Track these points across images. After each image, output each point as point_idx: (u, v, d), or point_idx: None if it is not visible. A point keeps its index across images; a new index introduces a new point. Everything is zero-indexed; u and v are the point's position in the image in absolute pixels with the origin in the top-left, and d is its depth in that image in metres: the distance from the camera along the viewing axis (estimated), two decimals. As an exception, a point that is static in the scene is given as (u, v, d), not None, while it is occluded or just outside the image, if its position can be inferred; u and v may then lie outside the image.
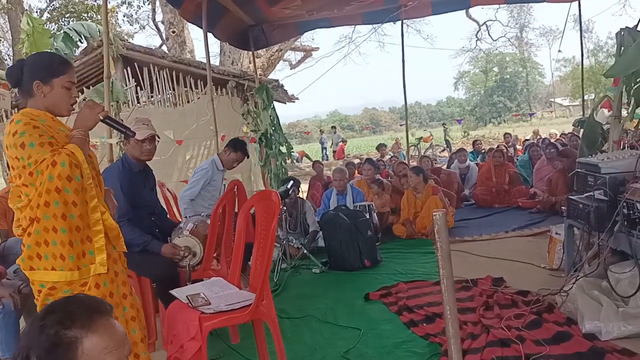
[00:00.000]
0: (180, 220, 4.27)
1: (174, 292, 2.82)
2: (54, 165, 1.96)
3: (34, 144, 1.97)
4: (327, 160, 21.42)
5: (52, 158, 1.96)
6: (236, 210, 4.00)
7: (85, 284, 2.07)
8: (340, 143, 24.22)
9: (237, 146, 4.69)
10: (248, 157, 4.65)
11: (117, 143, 4.30)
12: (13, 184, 2.05)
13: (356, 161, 12.73)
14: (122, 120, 5.49)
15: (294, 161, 17.96)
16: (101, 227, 2.12)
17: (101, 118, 2.21)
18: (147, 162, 3.62)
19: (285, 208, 5.52)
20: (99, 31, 7.31)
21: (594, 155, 3.95)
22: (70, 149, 2.02)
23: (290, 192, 5.52)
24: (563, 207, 4.17)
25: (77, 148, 2.05)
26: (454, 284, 1.45)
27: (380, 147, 14.64)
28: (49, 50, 5.64)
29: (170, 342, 2.58)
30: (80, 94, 7.57)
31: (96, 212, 2.11)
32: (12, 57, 13.84)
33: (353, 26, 21.82)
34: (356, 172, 8.49)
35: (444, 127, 24.64)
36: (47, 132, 2.04)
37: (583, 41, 8.01)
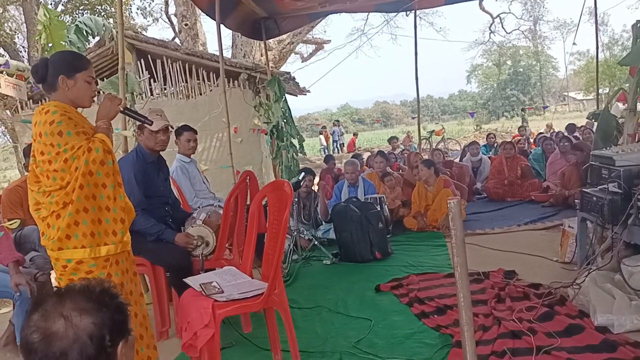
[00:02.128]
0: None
1: (187, 280, 2.85)
2: (89, 151, 2.15)
3: (71, 133, 2.15)
4: (339, 153, 21.44)
5: (87, 145, 2.16)
6: (248, 202, 4.03)
7: (107, 259, 2.24)
8: (351, 136, 24.27)
9: (177, 132, 4.58)
10: (196, 132, 4.62)
11: (132, 133, 4.33)
12: (41, 168, 2.17)
13: (366, 154, 12.70)
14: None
15: (305, 154, 17.99)
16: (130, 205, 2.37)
17: (121, 109, 2.42)
18: (161, 153, 3.66)
19: (296, 199, 5.54)
20: (104, 26, 7.35)
21: (608, 148, 3.91)
22: (101, 137, 2.23)
23: (301, 183, 5.54)
24: (576, 200, 4.15)
25: (106, 137, 2.26)
26: (468, 272, 1.45)
27: (392, 140, 14.59)
28: (69, 49, 5.72)
29: (184, 329, 2.61)
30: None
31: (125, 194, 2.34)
32: (27, 49, 13.95)
33: (365, 18, 21.77)
34: (364, 166, 8.46)
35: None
36: (78, 124, 2.22)
37: (598, 34, 7.91)
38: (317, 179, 7.60)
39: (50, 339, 1.08)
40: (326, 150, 23.14)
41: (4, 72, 5.57)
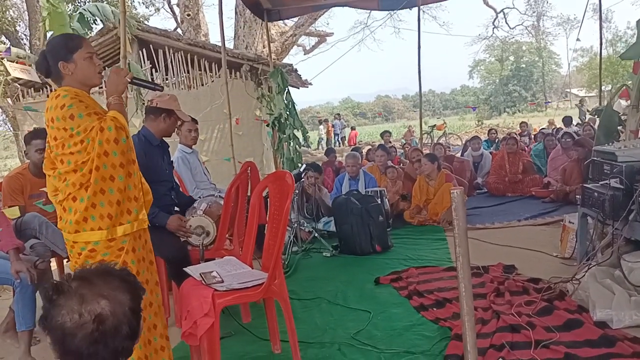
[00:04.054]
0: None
1: (187, 269, 2.86)
2: (102, 131, 2.11)
3: (82, 115, 2.11)
4: (340, 146, 21.42)
5: (99, 125, 2.12)
6: (249, 192, 4.02)
7: (122, 249, 2.21)
8: (348, 130, 24.26)
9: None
10: (197, 122, 4.57)
11: (143, 100, 4.27)
12: (55, 152, 2.16)
13: (366, 148, 12.65)
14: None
15: (309, 146, 18.03)
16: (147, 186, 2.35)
17: (129, 80, 2.36)
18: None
19: (297, 192, 5.54)
20: (112, 13, 7.31)
21: (610, 144, 3.91)
22: (112, 115, 2.18)
23: (302, 175, 5.53)
24: (577, 196, 4.15)
25: (118, 113, 2.21)
26: (470, 262, 1.45)
27: (384, 135, 14.58)
28: (62, 33, 5.71)
29: (184, 318, 2.62)
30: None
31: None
32: (28, 37, 13.91)
33: (368, 12, 21.68)
34: (364, 159, 8.44)
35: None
36: (90, 106, 2.19)
37: (602, 31, 7.88)
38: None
39: (101, 319, 1.19)
40: (325, 143, 23.09)
41: (5, 59, 5.58)
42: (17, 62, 5.45)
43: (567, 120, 12.37)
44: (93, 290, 1.21)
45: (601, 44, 8.09)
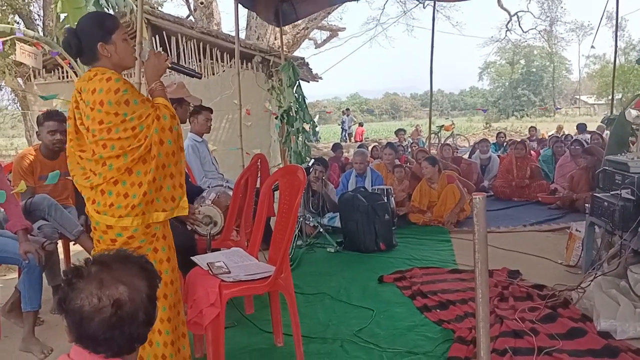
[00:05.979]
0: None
1: (195, 258, 2.87)
2: (158, 119, 2.08)
3: (137, 101, 2.06)
4: (346, 142, 21.39)
5: (155, 112, 2.09)
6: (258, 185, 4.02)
7: (154, 235, 2.17)
8: (356, 126, 24.22)
9: (195, 110, 4.50)
10: (211, 111, 4.61)
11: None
12: (100, 137, 2.04)
13: (371, 145, 12.63)
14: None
15: (319, 140, 17.98)
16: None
17: (169, 65, 2.29)
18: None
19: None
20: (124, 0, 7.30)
21: (623, 154, 3.89)
22: (164, 102, 2.14)
23: (310, 170, 5.53)
24: (586, 205, 4.13)
25: (166, 100, 2.16)
26: (488, 269, 1.45)
27: (399, 133, 14.51)
28: (94, 11, 5.66)
29: (189, 306, 2.63)
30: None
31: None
32: (42, 18, 13.92)
33: (382, 7, 21.60)
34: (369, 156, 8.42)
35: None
36: (139, 92, 2.14)
37: (617, 39, 7.84)
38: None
39: (119, 304, 1.21)
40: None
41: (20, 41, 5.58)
42: (30, 44, 5.45)
43: (582, 127, 12.28)
44: (112, 275, 1.23)
45: (615, 52, 8.06)
